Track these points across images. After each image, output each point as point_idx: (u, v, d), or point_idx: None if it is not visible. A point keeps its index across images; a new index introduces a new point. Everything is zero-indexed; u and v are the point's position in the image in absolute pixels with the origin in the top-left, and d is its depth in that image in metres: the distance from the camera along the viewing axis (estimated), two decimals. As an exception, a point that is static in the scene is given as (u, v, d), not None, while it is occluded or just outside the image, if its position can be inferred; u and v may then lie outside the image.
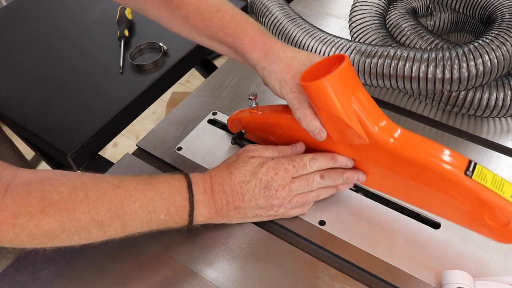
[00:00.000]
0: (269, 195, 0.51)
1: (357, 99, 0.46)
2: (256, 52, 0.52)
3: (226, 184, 0.52)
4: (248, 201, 0.52)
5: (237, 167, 0.52)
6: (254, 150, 0.54)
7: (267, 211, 0.53)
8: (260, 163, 0.52)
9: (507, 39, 0.59)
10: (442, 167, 0.44)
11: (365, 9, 0.72)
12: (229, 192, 0.52)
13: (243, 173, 0.52)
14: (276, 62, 0.51)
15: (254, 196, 0.52)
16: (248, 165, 0.52)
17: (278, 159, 0.52)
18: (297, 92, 0.49)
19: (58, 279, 0.53)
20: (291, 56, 0.50)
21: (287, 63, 0.50)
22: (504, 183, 0.44)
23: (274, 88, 0.52)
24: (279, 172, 0.51)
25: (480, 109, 0.64)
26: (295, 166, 0.52)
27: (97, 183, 0.48)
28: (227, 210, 0.52)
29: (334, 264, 0.52)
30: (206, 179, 0.52)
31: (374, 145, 0.47)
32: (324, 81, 0.44)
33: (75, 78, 0.81)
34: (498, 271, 0.50)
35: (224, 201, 0.52)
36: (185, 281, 0.52)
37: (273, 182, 0.51)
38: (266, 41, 0.52)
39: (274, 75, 0.51)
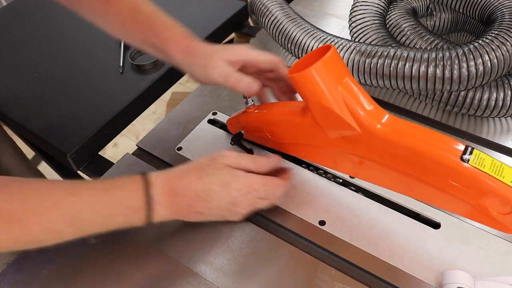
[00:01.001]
0: (235, 210, 0.52)
1: (345, 88, 0.46)
2: (181, 55, 0.57)
3: (191, 188, 0.50)
4: (211, 209, 0.52)
5: (208, 173, 0.51)
6: (229, 157, 0.53)
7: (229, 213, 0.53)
8: (232, 175, 0.52)
9: (507, 39, 0.59)
10: (436, 153, 0.43)
11: (365, 9, 0.72)
12: (192, 197, 0.50)
13: (213, 181, 0.51)
14: (196, 58, 0.57)
15: (219, 207, 0.51)
16: (220, 174, 0.51)
17: (252, 178, 0.52)
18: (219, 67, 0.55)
19: (58, 279, 0.53)
20: (208, 50, 0.56)
21: (205, 54, 0.56)
22: (504, 168, 0.42)
23: (199, 79, 0.58)
24: (250, 192, 0.52)
25: (480, 109, 0.64)
26: (266, 190, 0.53)
27: (50, 191, 0.47)
28: (187, 212, 0.52)
29: (334, 264, 0.52)
30: (168, 180, 0.51)
31: (365, 134, 0.47)
32: (311, 70, 0.45)
33: (75, 78, 0.80)
34: (498, 271, 0.50)
35: (185, 204, 0.51)
36: (185, 281, 0.52)
37: (242, 201, 0.52)
38: (189, 43, 0.57)
39: (195, 69, 0.57)
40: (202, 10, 0.93)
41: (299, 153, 0.60)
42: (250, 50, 0.57)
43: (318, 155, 0.57)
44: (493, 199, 0.43)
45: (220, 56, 0.55)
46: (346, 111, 0.46)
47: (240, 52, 0.56)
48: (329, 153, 0.55)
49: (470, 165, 0.42)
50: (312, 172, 0.61)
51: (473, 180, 0.42)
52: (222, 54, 0.55)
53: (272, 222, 0.57)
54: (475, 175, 0.42)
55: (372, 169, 0.51)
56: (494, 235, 0.53)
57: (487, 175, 0.42)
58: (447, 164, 0.43)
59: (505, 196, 0.41)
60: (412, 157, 0.45)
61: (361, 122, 0.46)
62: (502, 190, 0.41)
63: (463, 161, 0.42)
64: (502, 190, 0.41)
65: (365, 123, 0.46)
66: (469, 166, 0.42)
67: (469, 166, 0.42)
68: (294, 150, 0.60)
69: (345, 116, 0.46)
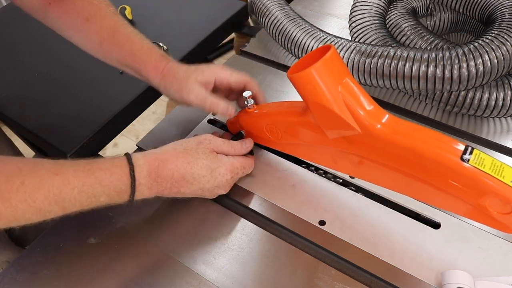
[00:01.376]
0: (217, 192, 0.57)
1: (345, 88, 0.46)
2: (157, 78, 0.60)
3: (178, 171, 0.53)
4: (194, 190, 0.55)
5: (196, 157, 0.54)
6: (214, 142, 0.57)
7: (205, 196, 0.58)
8: (219, 161, 0.55)
9: (507, 39, 0.59)
10: (436, 153, 0.43)
11: (365, 9, 0.72)
12: (177, 179, 0.53)
13: (200, 165, 0.54)
14: (172, 80, 0.59)
15: (202, 188, 0.55)
16: (208, 160, 0.54)
17: (234, 163, 0.57)
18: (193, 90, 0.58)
19: (58, 279, 0.53)
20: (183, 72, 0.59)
21: (179, 77, 0.59)
22: (504, 168, 0.42)
23: (177, 100, 0.60)
24: (233, 176, 0.57)
25: (480, 109, 0.64)
26: (244, 172, 0.59)
27: (34, 170, 0.47)
28: (168, 192, 0.54)
29: (334, 264, 0.52)
30: (153, 163, 0.52)
31: (365, 134, 0.47)
32: (311, 70, 0.45)
33: (75, 78, 0.80)
34: (498, 271, 0.50)
35: (169, 184, 0.53)
36: (185, 281, 0.52)
37: (225, 184, 0.56)
38: (165, 66, 0.60)
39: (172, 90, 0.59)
40: (202, 10, 0.93)
41: (299, 153, 0.60)
42: (222, 70, 0.59)
43: (318, 155, 0.57)
44: (493, 199, 0.43)
45: (194, 78, 0.58)
46: (346, 111, 0.46)
47: (212, 73, 0.59)
48: (329, 153, 0.55)
49: (470, 165, 0.42)
50: (312, 172, 0.61)
51: (473, 180, 0.42)
52: (196, 77, 0.58)
53: (272, 222, 0.57)
54: (475, 175, 0.42)
55: (372, 169, 0.51)
56: (494, 235, 0.53)
57: (487, 175, 0.41)
58: (447, 164, 0.43)
59: (505, 196, 0.41)
60: (412, 157, 0.45)
61: (361, 122, 0.46)
62: (502, 190, 0.41)
63: (463, 161, 0.42)
64: (502, 190, 0.41)
65: (365, 123, 0.46)
66: (469, 166, 0.42)
67: (469, 166, 0.42)
68: (294, 150, 0.60)
69: (345, 116, 0.46)
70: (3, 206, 0.44)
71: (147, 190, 0.52)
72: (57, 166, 0.48)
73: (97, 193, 0.49)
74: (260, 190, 0.60)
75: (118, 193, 0.50)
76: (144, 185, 0.51)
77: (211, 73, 0.59)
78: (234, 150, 0.58)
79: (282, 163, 0.63)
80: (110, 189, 0.49)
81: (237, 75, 0.60)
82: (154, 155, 0.53)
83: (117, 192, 0.50)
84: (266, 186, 0.60)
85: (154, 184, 0.52)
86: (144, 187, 0.51)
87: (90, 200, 0.49)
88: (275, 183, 0.61)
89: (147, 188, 0.52)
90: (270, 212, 0.57)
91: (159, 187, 0.52)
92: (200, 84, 0.58)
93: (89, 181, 0.48)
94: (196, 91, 0.58)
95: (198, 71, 0.59)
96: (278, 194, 0.59)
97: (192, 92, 0.58)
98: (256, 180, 0.61)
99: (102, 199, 0.49)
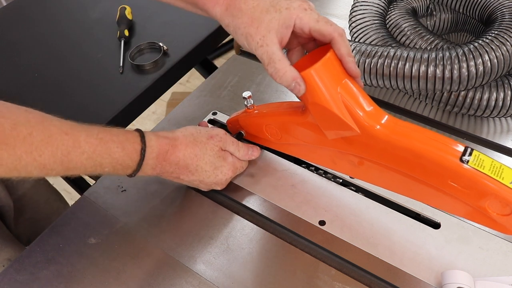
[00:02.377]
0: (213, 187, 0.58)
1: (344, 88, 0.46)
2: (218, 7, 0.49)
3: (184, 160, 0.53)
4: (193, 180, 0.55)
5: (204, 151, 0.54)
6: (225, 141, 0.56)
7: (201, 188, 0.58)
8: (223, 160, 0.56)
9: (507, 39, 0.59)
10: (436, 154, 0.43)
11: (365, 9, 0.72)
12: (181, 166, 0.54)
13: (206, 160, 0.54)
14: (238, 16, 0.47)
15: (201, 180, 0.56)
16: (214, 157, 0.55)
17: (236, 164, 0.58)
18: (265, 45, 0.46)
19: (58, 279, 0.53)
20: (253, 6, 0.47)
21: (250, 15, 0.47)
22: (504, 169, 0.42)
23: (243, 44, 0.49)
24: (232, 174, 0.58)
25: (480, 109, 0.64)
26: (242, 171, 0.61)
27: (43, 124, 0.45)
28: (168, 176, 0.55)
29: (334, 264, 0.52)
30: (164, 147, 0.52)
31: (364, 135, 0.47)
32: (311, 71, 0.45)
33: (75, 78, 0.80)
34: (498, 271, 0.50)
35: (172, 169, 0.54)
36: (185, 281, 0.52)
37: (224, 181, 0.57)
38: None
39: (239, 31, 0.48)
40: (202, 10, 0.92)
41: (299, 153, 0.60)
42: (306, 14, 0.47)
43: (318, 155, 0.57)
44: (493, 201, 0.43)
45: (268, 22, 0.46)
46: (346, 112, 0.46)
47: (294, 16, 0.46)
48: (328, 153, 0.55)
49: (470, 166, 0.42)
50: (312, 172, 0.61)
51: (473, 181, 0.42)
52: (271, 19, 0.46)
53: (272, 222, 0.57)
54: (474, 176, 0.42)
55: (371, 170, 0.51)
56: (494, 235, 0.53)
57: (486, 176, 0.41)
58: (447, 165, 0.43)
59: (505, 197, 0.41)
60: (411, 158, 0.45)
61: (361, 123, 0.46)
62: (502, 191, 0.41)
63: (463, 162, 0.42)
64: (502, 192, 0.41)
65: (364, 124, 0.46)
66: (468, 167, 0.42)
67: (469, 167, 0.42)
68: (294, 150, 0.60)
69: (344, 117, 0.46)
70: (6, 153, 0.42)
71: (150, 170, 0.53)
72: (68, 126, 0.47)
73: (104, 163, 0.49)
74: (260, 190, 0.60)
75: (123, 167, 0.50)
76: (149, 165, 0.52)
77: (291, 16, 0.46)
78: (239, 153, 0.58)
79: (282, 163, 0.63)
80: (118, 162, 0.50)
81: (324, 25, 0.46)
82: (166, 140, 0.53)
83: (123, 167, 0.50)
84: (266, 186, 0.60)
85: (159, 166, 0.53)
86: (149, 167, 0.52)
87: (95, 168, 0.49)
88: (275, 183, 0.61)
89: (151, 168, 0.52)
90: (270, 212, 0.57)
91: (162, 169, 0.53)
92: (275, 33, 0.46)
93: (99, 150, 0.48)
94: (266, 46, 0.46)
95: (275, 11, 0.46)
96: (278, 194, 0.59)
97: (262, 46, 0.46)
98: (256, 180, 0.61)
99: (107, 169, 0.50)
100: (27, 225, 0.83)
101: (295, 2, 0.47)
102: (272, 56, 0.46)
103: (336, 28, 0.46)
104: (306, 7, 0.47)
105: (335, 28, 0.46)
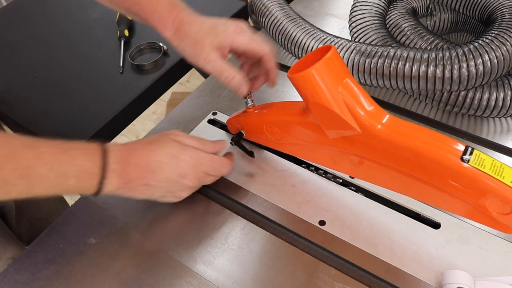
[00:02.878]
0: (183, 182, 0.54)
1: (346, 88, 0.46)
2: (167, 31, 0.55)
3: (144, 159, 0.52)
4: (160, 182, 0.52)
5: (159, 146, 0.53)
6: (179, 135, 0.56)
7: (174, 195, 0.55)
8: (182, 149, 0.54)
9: (507, 39, 0.59)
10: (436, 153, 0.43)
11: (365, 9, 0.72)
12: (144, 168, 0.52)
13: (163, 153, 0.53)
14: (185, 39, 0.55)
15: (168, 179, 0.53)
16: (170, 147, 0.53)
17: (199, 153, 0.55)
18: (211, 62, 0.54)
19: (58, 279, 0.53)
20: (197, 30, 0.54)
21: (194, 37, 0.54)
22: (504, 168, 0.42)
23: (191, 62, 0.56)
24: (197, 165, 0.54)
25: (480, 109, 0.64)
26: (213, 166, 0.56)
27: (4, 140, 0.45)
28: (136, 184, 0.52)
29: (334, 264, 0.52)
30: (124, 150, 0.52)
31: (365, 135, 0.47)
32: (312, 70, 0.45)
33: (75, 78, 0.80)
34: (498, 271, 0.50)
35: (136, 174, 0.51)
36: (185, 281, 0.52)
37: (190, 173, 0.54)
38: (176, 18, 0.55)
39: (186, 51, 0.55)
40: (202, 10, 0.92)
41: (299, 153, 0.60)
42: (240, 36, 0.54)
43: (318, 155, 0.57)
44: (493, 200, 0.43)
45: (209, 43, 0.53)
46: (347, 112, 0.46)
47: (228, 38, 0.54)
48: (328, 153, 0.55)
49: (470, 165, 0.42)
50: (312, 172, 0.61)
51: (473, 180, 0.42)
52: (211, 41, 0.53)
53: (272, 222, 0.57)
54: (475, 175, 0.42)
55: (372, 169, 0.51)
56: (494, 235, 0.53)
57: (487, 175, 0.42)
58: (447, 164, 0.43)
59: (505, 196, 0.41)
60: (412, 157, 0.45)
61: (362, 122, 0.46)
62: (502, 190, 0.41)
63: (463, 162, 0.42)
64: (502, 191, 0.41)
65: (365, 123, 0.46)
66: (469, 166, 0.42)
67: (469, 167, 0.42)
68: (294, 150, 0.60)
69: (345, 116, 0.46)
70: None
71: (116, 178, 0.50)
72: (30, 140, 0.47)
73: (67, 172, 0.47)
74: (260, 190, 0.60)
75: (88, 175, 0.48)
76: (113, 171, 0.50)
77: (227, 39, 0.54)
78: (203, 146, 0.56)
79: (282, 163, 0.63)
80: (81, 170, 0.48)
81: (255, 46, 0.55)
82: (123, 146, 0.53)
83: (87, 175, 0.48)
84: (266, 186, 0.60)
85: (123, 173, 0.50)
86: (114, 173, 0.50)
87: (58, 181, 0.47)
88: (275, 183, 0.61)
89: (116, 175, 0.50)
90: (270, 212, 0.57)
91: (127, 176, 0.51)
92: (216, 51, 0.54)
93: (62, 158, 0.47)
94: (213, 62, 0.54)
95: (214, 34, 0.54)
96: (278, 194, 0.59)
97: (209, 62, 0.54)
98: (256, 180, 0.61)
99: (71, 181, 0.47)
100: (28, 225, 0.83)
101: (231, 26, 0.54)
102: (219, 69, 0.54)
103: (264, 47, 0.55)
104: (239, 30, 0.54)
105: (263, 48, 0.55)
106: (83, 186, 0.49)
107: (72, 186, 0.48)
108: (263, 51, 0.55)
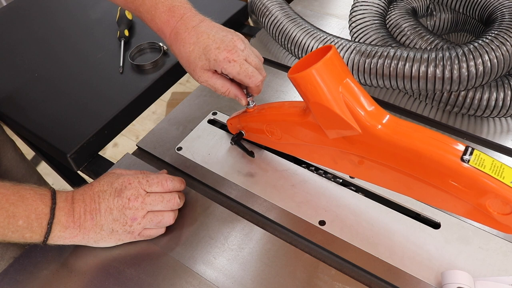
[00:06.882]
0: (122, 204, 0.52)
1: (346, 88, 0.46)
2: (167, 39, 0.57)
3: (86, 193, 0.53)
4: (103, 211, 0.52)
5: (98, 180, 0.55)
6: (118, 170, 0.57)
7: (123, 226, 0.53)
8: (118, 176, 0.55)
9: (507, 39, 0.59)
10: (436, 153, 0.43)
11: (365, 9, 0.73)
12: (87, 201, 0.52)
13: (102, 183, 0.54)
14: (179, 55, 0.56)
15: (109, 206, 0.52)
16: (107, 177, 0.55)
17: (136, 173, 0.56)
18: (205, 81, 0.56)
19: (58, 279, 0.53)
20: (189, 51, 0.55)
21: (186, 58, 0.55)
22: (504, 168, 0.42)
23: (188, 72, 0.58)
24: (132, 183, 0.53)
25: (480, 109, 0.64)
26: (148, 181, 0.54)
27: None
28: (84, 220, 0.52)
29: (334, 264, 0.52)
30: (69, 191, 0.54)
31: (365, 135, 0.47)
32: (312, 70, 0.45)
33: (75, 78, 0.80)
34: (498, 271, 0.50)
35: (83, 209, 0.52)
36: (185, 281, 0.52)
37: (126, 191, 0.52)
38: (172, 30, 0.56)
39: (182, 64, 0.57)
40: (202, 10, 0.92)
41: (299, 153, 0.60)
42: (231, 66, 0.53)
43: (318, 155, 0.57)
44: (493, 200, 0.43)
45: (201, 67, 0.54)
46: (347, 112, 0.46)
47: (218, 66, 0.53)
48: (329, 153, 0.55)
49: (470, 165, 0.42)
50: (312, 172, 0.61)
51: (473, 180, 0.42)
52: (203, 66, 0.54)
53: (272, 222, 0.57)
54: (475, 175, 0.42)
55: (372, 169, 0.51)
56: (494, 235, 0.53)
57: (487, 175, 0.42)
58: (448, 164, 0.43)
59: (505, 196, 0.42)
60: (412, 157, 0.45)
61: (362, 122, 0.46)
62: (502, 190, 0.41)
63: (463, 162, 0.42)
64: (502, 191, 0.41)
65: (365, 123, 0.46)
66: (469, 166, 0.42)
67: (469, 167, 0.42)
68: (294, 150, 0.60)
69: (345, 116, 0.46)
70: None
71: (64, 216, 0.51)
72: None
73: (17, 212, 0.48)
74: (260, 190, 0.60)
75: (37, 216, 0.49)
76: (61, 210, 0.51)
77: (217, 66, 0.54)
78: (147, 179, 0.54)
79: (282, 163, 0.63)
80: (31, 210, 0.49)
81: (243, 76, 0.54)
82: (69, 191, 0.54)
83: (37, 215, 0.49)
84: (266, 186, 0.60)
85: (70, 209, 0.52)
86: (62, 212, 0.51)
87: (7, 221, 0.48)
88: (275, 183, 0.61)
89: (64, 213, 0.51)
90: (270, 212, 0.57)
91: (74, 213, 0.52)
92: (208, 72, 0.55)
93: (12, 199, 0.49)
94: (206, 81, 0.56)
95: (205, 60, 0.54)
96: (278, 194, 0.59)
97: (203, 82, 0.56)
98: (256, 180, 0.61)
99: (21, 222, 0.48)
100: None
101: (221, 53, 0.53)
102: (214, 87, 0.56)
103: (252, 81, 0.55)
104: (230, 59, 0.53)
105: (250, 82, 0.55)
106: (32, 227, 0.49)
107: (21, 227, 0.49)
108: (250, 85, 0.56)
